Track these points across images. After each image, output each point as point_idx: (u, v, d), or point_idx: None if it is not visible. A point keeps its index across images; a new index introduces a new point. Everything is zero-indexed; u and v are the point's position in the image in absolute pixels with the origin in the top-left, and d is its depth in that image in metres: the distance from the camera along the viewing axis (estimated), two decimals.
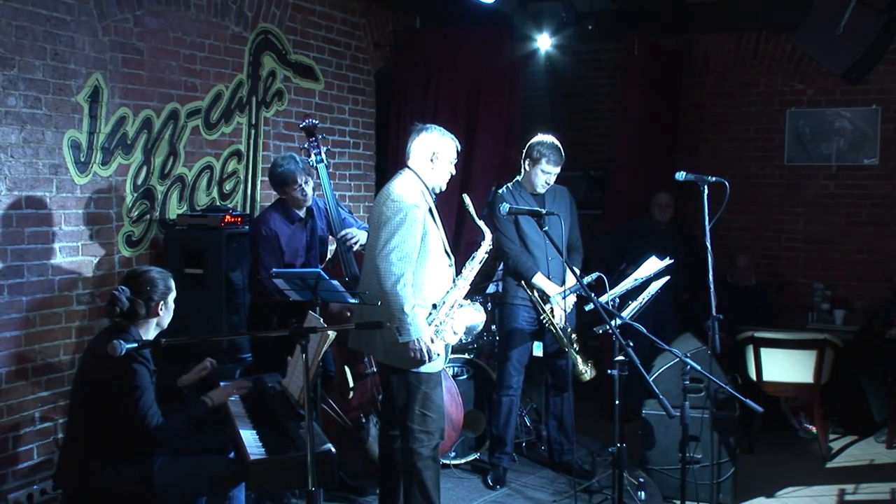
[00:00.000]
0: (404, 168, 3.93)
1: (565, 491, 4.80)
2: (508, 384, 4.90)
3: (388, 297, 3.63)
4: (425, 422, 3.75)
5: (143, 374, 3.28)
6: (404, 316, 3.62)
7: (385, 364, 3.84)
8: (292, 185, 4.55)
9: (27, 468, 4.31)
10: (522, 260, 4.77)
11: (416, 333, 3.64)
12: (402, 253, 3.65)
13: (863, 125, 6.73)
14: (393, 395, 3.83)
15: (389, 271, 3.63)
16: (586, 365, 4.75)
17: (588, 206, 7.39)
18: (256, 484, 3.19)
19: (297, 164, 4.56)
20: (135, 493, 3.28)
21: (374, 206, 3.89)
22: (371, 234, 3.87)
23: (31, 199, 4.26)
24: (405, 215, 3.67)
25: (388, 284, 3.63)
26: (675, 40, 7.24)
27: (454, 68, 6.53)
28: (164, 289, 3.44)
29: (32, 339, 4.30)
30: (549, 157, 4.70)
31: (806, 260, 6.98)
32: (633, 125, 6.57)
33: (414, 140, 3.93)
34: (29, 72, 4.17)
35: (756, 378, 5.63)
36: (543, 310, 4.78)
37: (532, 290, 4.79)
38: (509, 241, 4.80)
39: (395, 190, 3.77)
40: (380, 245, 3.67)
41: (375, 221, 3.78)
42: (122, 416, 3.25)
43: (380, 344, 3.78)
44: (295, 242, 4.64)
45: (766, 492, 4.97)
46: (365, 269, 3.93)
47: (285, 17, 5.76)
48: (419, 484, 3.75)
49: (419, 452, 3.75)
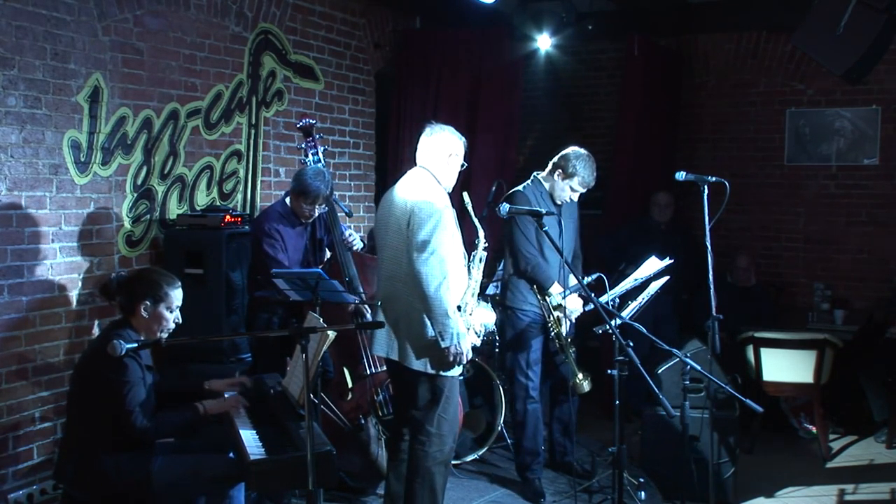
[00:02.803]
0: (416, 167, 3.85)
1: (565, 491, 4.80)
2: (529, 392, 4.74)
3: (431, 301, 3.57)
4: (443, 425, 3.73)
5: (134, 370, 3.26)
6: (448, 320, 3.58)
7: (410, 368, 3.73)
8: (307, 200, 4.50)
9: (27, 468, 4.31)
10: (543, 268, 4.62)
11: (460, 336, 3.61)
12: (441, 256, 3.60)
13: (863, 125, 6.73)
14: (414, 399, 3.76)
15: (433, 275, 3.56)
16: (585, 379, 4.60)
17: (588, 206, 7.36)
18: (256, 484, 3.19)
19: (325, 187, 4.49)
20: (133, 491, 3.28)
21: (392, 207, 3.78)
22: (392, 237, 3.75)
23: (31, 199, 4.25)
24: (440, 217, 3.62)
25: (432, 289, 3.56)
26: (675, 40, 7.24)
27: (454, 68, 6.53)
28: (155, 293, 3.37)
29: (32, 339, 4.29)
30: (583, 178, 4.59)
31: (806, 260, 6.98)
32: (633, 125, 6.57)
33: (428, 139, 3.85)
34: (29, 72, 4.17)
35: (756, 378, 5.63)
36: (552, 318, 4.67)
37: (545, 298, 4.67)
38: (530, 245, 4.64)
39: (425, 191, 3.69)
40: (417, 248, 3.59)
41: (401, 224, 3.68)
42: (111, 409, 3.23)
43: (409, 348, 3.70)
44: (296, 244, 4.63)
45: (766, 492, 4.97)
46: (386, 272, 3.80)
47: (285, 17, 5.76)
48: (430, 487, 3.73)
49: (434, 456, 3.72)
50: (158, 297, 3.39)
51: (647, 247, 5.09)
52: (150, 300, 3.38)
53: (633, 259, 5.16)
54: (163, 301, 3.40)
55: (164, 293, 3.40)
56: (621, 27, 6.83)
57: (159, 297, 3.39)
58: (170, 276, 3.50)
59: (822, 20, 4.53)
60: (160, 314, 3.40)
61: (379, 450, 4.52)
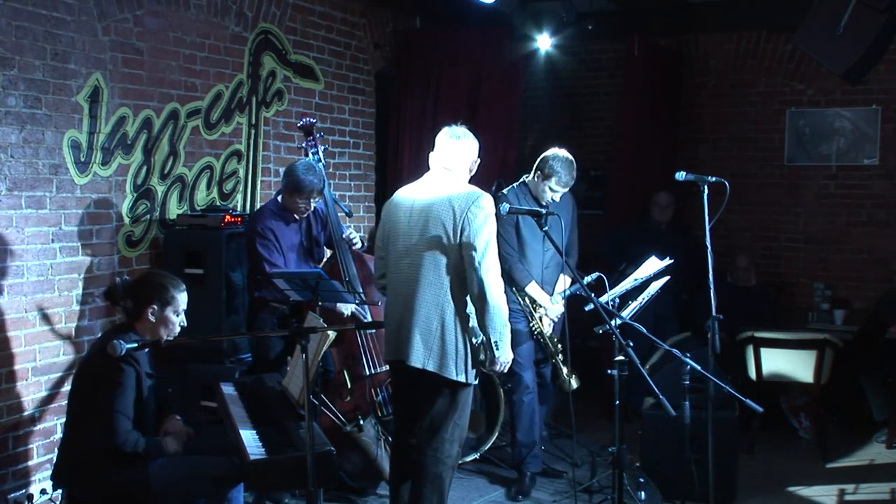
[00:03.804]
0: (440, 169, 3.71)
1: (565, 491, 4.80)
2: (524, 383, 4.76)
3: (494, 309, 3.47)
4: (456, 432, 3.68)
5: (129, 375, 3.22)
6: (506, 328, 3.52)
7: (447, 378, 3.57)
8: (301, 196, 4.46)
9: (27, 468, 4.31)
10: (519, 267, 4.69)
11: (509, 346, 3.56)
12: (498, 264, 3.54)
13: (863, 125, 6.73)
14: (434, 406, 3.65)
15: (495, 283, 3.47)
16: (570, 376, 4.66)
17: (588, 206, 7.39)
18: (256, 484, 3.18)
19: (316, 180, 4.44)
20: (132, 492, 3.27)
21: (430, 210, 3.58)
22: (427, 241, 3.56)
23: (31, 199, 4.25)
24: (494, 224, 3.56)
25: (496, 297, 3.46)
26: (675, 40, 7.24)
27: (454, 68, 6.53)
28: (162, 297, 3.35)
29: (32, 339, 4.30)
30: (560, 177, 4.57)
31: (806, 260, 6.98)
32: (633, 125, 6.57)
33: (456, 143, 3.71)
34: (29, 72, 4.17)
35: (756, 378, 5.63)
36: (533, 318, 4.74)
37: (523, 298, 4.73)
38: (508, 246, 4.69)
39: (480, 195, 3.57)
40: (477, 255, 3.46)
41: (445, 227, 3.53)
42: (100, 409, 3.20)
43: (448, 358, 3.56)
44: (290, 242, 4.60)
45: (766, 492, 4.97)
46: (413, 277, 3.58)
47: (285, 17, 5.76)
48: (439, 492, 3.69)
49: (444, 461, 3.66)
50: (165, 300, 3.36)
51: (647, 247, 5.08)
52: (157, 304, 3.35)
53: (634, 259, 5.16)
54: (170, 305, 3.37)
55: (170, 296, 3.37)
56: (621, 27, 6.83)
57: (166, 301, 3.36)
58: (175, 279, 3.47)
59: (822, 20, 4.53)
60: (167, 318, 3.38)
61: (379, 450, 4.52)
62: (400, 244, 3.67)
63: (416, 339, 3.56)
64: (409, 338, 3.57)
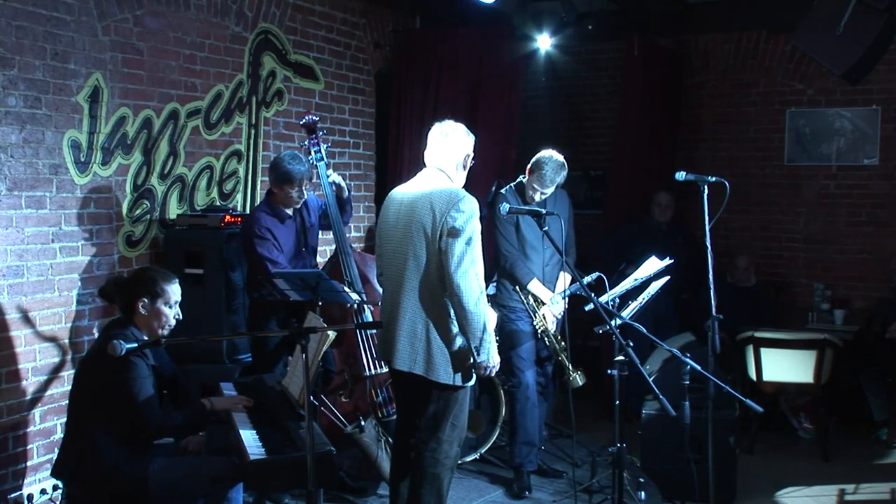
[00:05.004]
0: (431, 169, 3.68)
1: (565, 491, 4.80)
2: (525, 383, 4.77)
3: (470, 315, 3.42)
4: (454, 432, 3.68)
5: (142, 367, 3.29)
6: (485, 335, 3.48)
7: (436, 381, 3.55)
8: (293, 186, 4.47)
9: (27, 468, 4.31)
10: (520, 265, 4.72)
11: (493, 351, 3.54)
12: (479, 269, 3.48)
13: (863, 125, 6.73)
14: (429, 408, 3.64)
15: (472, 289, 3.41)
16: (576, 372, 4.67)
17: (588, 206, 7.40)
18: (256, 484, 3.19)
19: (304, 167, 4.47)
20: (132, 492, 3.28)
21: (413, 212, 3.54)
22: (414, 244, 3.52)
23: (31, 199, 4.25)
24: (474, 228, 3.49)
25: (472, 303, 3.41)
26: (675, 40, 7.24)
27: (454, 68, 6.52)
28: (151, 290, 3.40)
29: (32, 339, 4.30)
30: (544, 177, 4.60)
31: (806, 260, 6.98)
32: (633, 125, 6.57)
33: (445, 139, 3.67)
34: (29, 72, 4.17)
35: (756, 378, 5.63)
36: (537, 315, 4.75)
37: (526, 295, 4.76)
38: (508, 244, 4.74)
39: (461, 198, 3.49)
40: (455, 260, 3.40)
41: (426, 231, 3.48)
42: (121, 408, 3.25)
43: (435, 361, 3.54)
44: (287, 239, 4.60)
45: (766, 492, 4.97)
46: (401, 280, 3.55)
47: (285, 17, 5.76)
48: (437, 492, 3.69)
49: (443, 462, 3.66)
50: (155, 293, 3.41)
51: (647, 247, 5.08)
52: (147, 297, 3.41)
53: (634, 259, 5.16)
54: (160, 297, 3.42)
55: (160, 289, 3.42)
56: (621, 27, 6.83)
57: (156, 294, 3.42)
58: (165, 272, 3.53)
59: (822, 20, 4.53)
60: (159, 310, 3.43)
61: (379, 451, 4.51)
62: (391, 244, 3.67)
63: (401, 341, 3.54)
64: (395, 340, 3.56)
